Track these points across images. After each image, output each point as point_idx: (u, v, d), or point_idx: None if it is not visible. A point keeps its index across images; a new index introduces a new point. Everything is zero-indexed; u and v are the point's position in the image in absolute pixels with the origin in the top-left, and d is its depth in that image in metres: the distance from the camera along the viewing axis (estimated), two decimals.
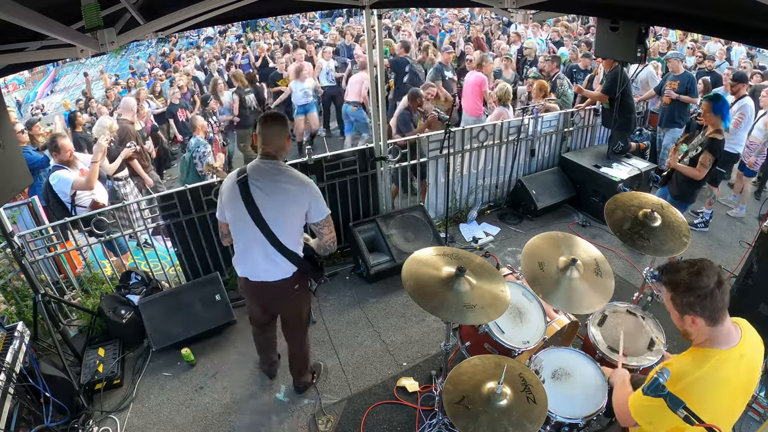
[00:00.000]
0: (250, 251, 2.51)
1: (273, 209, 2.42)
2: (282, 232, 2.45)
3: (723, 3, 2.01)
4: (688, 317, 1.62)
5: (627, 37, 3.19)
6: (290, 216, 2.46)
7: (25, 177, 2.44)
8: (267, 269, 2.54)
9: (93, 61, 16.47)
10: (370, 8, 3.65)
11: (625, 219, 2.82)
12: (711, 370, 1.59)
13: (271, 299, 2.74)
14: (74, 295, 4.07)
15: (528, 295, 2.91)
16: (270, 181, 2.43)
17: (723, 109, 3.73)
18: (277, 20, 17.39)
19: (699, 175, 3.75)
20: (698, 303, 1.58)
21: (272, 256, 2.49)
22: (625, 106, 5.21)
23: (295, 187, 2.43)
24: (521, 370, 2.12)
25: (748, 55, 8.82)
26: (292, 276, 2.58)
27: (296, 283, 2.62)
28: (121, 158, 4.99)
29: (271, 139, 2.48)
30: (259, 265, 2.54)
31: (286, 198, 2.42)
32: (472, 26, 12.12)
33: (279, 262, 2.51)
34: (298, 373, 3.17)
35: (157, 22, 2.23)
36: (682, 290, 1.61)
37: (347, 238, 4.52)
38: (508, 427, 1.89)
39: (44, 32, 1.76)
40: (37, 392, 2.75)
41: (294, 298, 2.70)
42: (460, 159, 5.01)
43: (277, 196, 2.41)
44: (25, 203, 4.28)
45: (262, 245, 2.46)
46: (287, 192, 2.42)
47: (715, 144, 3.70)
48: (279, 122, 2.52)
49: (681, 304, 1.63)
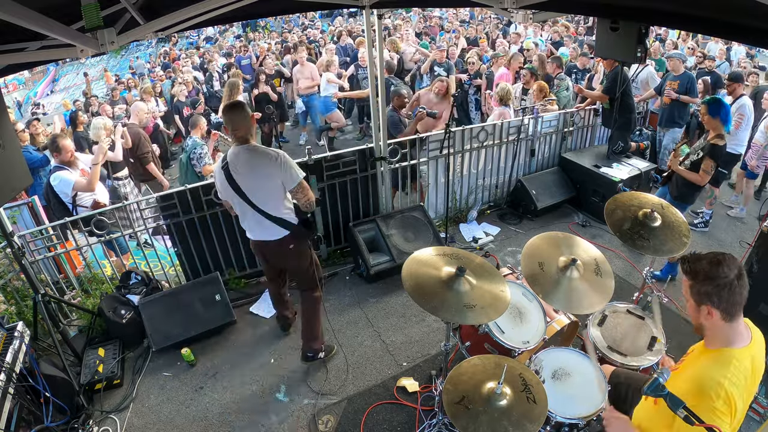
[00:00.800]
0: (246, 218, 2.96)
1: (252, 186, 2.81)
2: (264, 202, 2.83)
3: (723, 3, 2.01)
4: (704, 307, 1.61)
5: (627, 37, 3.19)
6: (267, 189, 2.82)
7: (25, 177, 2.44)
8: (262, 231, 2.97)
9: (93, 61, 16.48)
10: (370, 8, 3.65)
11: (625, 219, 2.82)
12: (735, 371, 1.57)
13: (272, 255, 3.16)
14: (74, 295, 4.07)
15: (528, 295, 2.91)
16: (245, 161, 2.79)
17: (722, 113, 3.67)
18: (277, 20, 17.39)
19: (701, 182, 3.75)
20: (716, 293, 1.57)
21: (263, 222, 2.90)
22: (625, 106, 5.20)
23: (266, 163, 2.78)
24: (521, 370, 2.12)
25: (748, 55, 8.83)
26: (285, 237, 2.95)
27: (291, 243, 3.00)
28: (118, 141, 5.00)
29: (239, 124, 2.79)
30: (255, 228, 2.98)
31: (261, 173, 2.79)
32: (471, 26, 12.12)
33: (269, 227, 2.92)
34: (306, 338, 3.37)
35: (157, 22, 2.23)
36: (701, 278, 1.61)
37: (347, 238, 4.52)
38: (508, 427, 1.89)
39: (44, 32, 1.76)
40: (37, 392, 2.75)
41: (291, 255, 3.07)
42: (460, 159, 5.01)
43: (253, 173, 2.79)
44: (25, 203, 4.28)
45: (252, 214, 2.88)
46: (260, 168, 2.78)
47: (716, 150, 3.67)
48: (241, 108, 2.85)
49: (699, 293, 1.62)
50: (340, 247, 4.67)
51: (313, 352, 3.40)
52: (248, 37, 15.22)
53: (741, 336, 1.63)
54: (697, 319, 1.68)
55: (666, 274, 4.18)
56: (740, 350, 1.61)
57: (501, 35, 10.56)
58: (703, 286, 1.60)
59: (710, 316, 1.61)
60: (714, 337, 1.66)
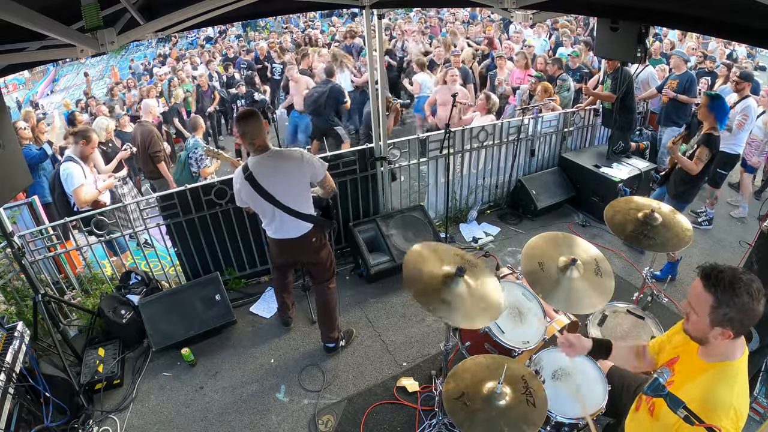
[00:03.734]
0: (274, 220, 3.01)
1: (281, 189, 2.88)
2: (294, 202, 2.92)
3: (723, 3, 2.01)
4: (721, 329, 1.49)
5: (627, 37, 3.18)
6: (297, 188, 2.93)
7: (25, 177, 2.44)
8: (288, 230, 3.04)
9: (93, 61, 16.48)
10: (370, 8, 3.65)
11: (627, 222, 2.86)
12: (741, 388, 1.54)
13: (296, 251, 3.21)
14: (74, 295, 4.07)
15: (528, 295, 2.91)
16: (273, 167, 2.85)
17: (718, 111, 3.69)
18: (277, 20, 17.38)
19: (695, 169, 3.74)
20: (742, 321, 1.47)
21: (290, 221, 2.98)
22: (626, 106, 5.20)
23: (294, 164, 2.88)
24: (524, 373, 2.12)
25: (748, 55, 8.83)
26: (309, 231, 3.05)
27: (314, 237, 3.10)
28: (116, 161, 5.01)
29: (257, 134, 2.83)
30: (281, 229, 3.04)
31: (291, 176, 2.88)
32: (471, 26, 12.11)
33: (297, 224, 3.01)
34: (327, 327, 3.46)
35: (157, 22, 2.23)
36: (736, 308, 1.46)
37: (347, 238, 4.52)
38: (504, 427, 1.91)
39: (44, 32, 1.75)
40: (37, 392, 2.75)
41: (314, 249, 3.17)
42: (460, 159, 5.01)
43: (284, 177, 2.87)
44: (25, 203, 4.28)
45: (280, 215, 2.95)
46: (290, 171, 2.88)
47: (711, 139, 3.69)
48: (255, 117, 2.85)
49: (723, 317, 1.48)
50: (340, 247, 4.66)
51: (333, 342, 3.51)
52: (248, 37, 15.21)
53: (742, 346, 1.59)
54: (704, 334, 1.55)
55: (666, 274, 4.18)
56: (739, 361, 1.57)
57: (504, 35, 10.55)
58: (732, 312, 1.46)
59: (722, 336, 1.51)
60: (715, 352, 1.58)
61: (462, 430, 1.97)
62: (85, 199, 4.10)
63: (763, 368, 2.87)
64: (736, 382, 1.54)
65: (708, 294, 1.49)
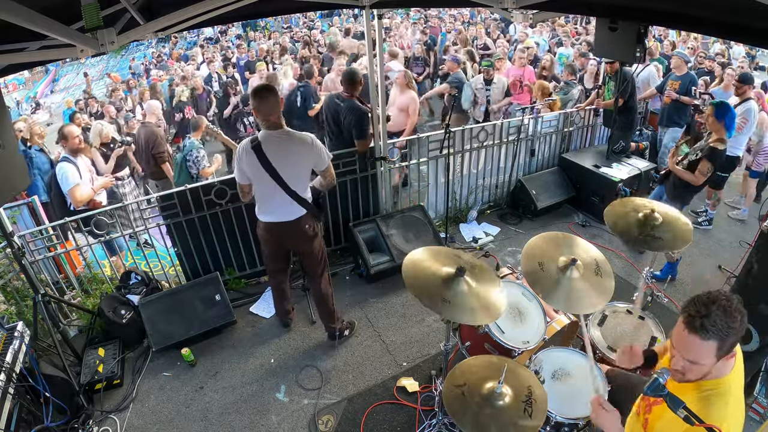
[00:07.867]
0: (271, 200, 3.02)
1: (285, 166, 2.90)
2: (295, 183, 2.96)
3: (723, 3, 2.01)
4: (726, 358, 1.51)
5: (626, 37, 3.19)
6: (299, 170, 2.97)
7: (25, 177, 2.44)
8: (284, 212, 3.05)
9: (93, 61, 16.45)
10: (370, 8, 3.65)
11: (630, 226, 2.83)
12: (734, 404, 1.54)
13: (287, 236, 3.20)
14: (74, 295, 4.07)
15: (528, 295, 2.91)
16: (282, 145, 2.88)
17: (727, 118, 3.64)
18: (277, 20, 17.38)
19: (696, 182, 3.74)
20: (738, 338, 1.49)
21: (287, 203, 3.00)
22: (627, 106, 5.20)
23: (304, 149, 2.92)
24: (533, 383, 2.12)
25: (748, 55, 8.83)
26: (303, 216, 3.07)
27: (306, 223, 3.11)
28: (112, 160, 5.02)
29: (273, 110, 2.84)
30: (277, 210, 3.05)
31: (298, 158, 2.92)
32: (471, 26, 12.12)
33: (292, 207, 3.03)
34: (328, 318, 3.52)
35: (157, 22, 2.23)
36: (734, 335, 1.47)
37: (347, 238, 4.52)
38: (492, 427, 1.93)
39: (44, 32, 1.76)
40: (37, 392, 2.75)
41: (307, 237, 3.17)
42: (460, 159, 5.01)
43: (291, 157, 2.90)
44: (25, 203, 4.28)
45: (280, 194, 2.96)
46: (298, 153, 2.91)
47: (715, 153, 3.66)
48: (273, 93, 2.86)
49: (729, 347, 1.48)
50: (340, 247, 4.66)
51: (337, 331, 3.56)
52: (248, 37, 15.20)
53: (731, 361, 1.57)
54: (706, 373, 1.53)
55: (666, 274, 4.18)
56: (731, 375, 1.57)
57: (501, 34, 10.56)
58: (735, 338, 1.47)
59: (725, 360, 1.51)
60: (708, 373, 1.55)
61: (452, 417, 2.00)
62: (81, 198, 4.12)
63: (763, 368, 2.86)
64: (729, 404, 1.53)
65: (709, 341, 1.46)
